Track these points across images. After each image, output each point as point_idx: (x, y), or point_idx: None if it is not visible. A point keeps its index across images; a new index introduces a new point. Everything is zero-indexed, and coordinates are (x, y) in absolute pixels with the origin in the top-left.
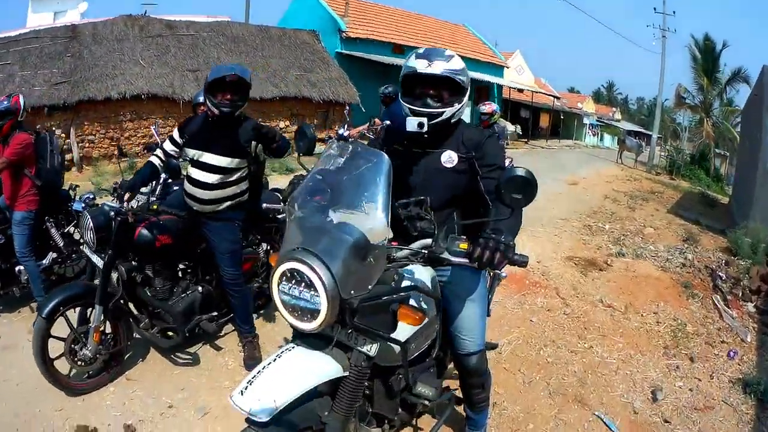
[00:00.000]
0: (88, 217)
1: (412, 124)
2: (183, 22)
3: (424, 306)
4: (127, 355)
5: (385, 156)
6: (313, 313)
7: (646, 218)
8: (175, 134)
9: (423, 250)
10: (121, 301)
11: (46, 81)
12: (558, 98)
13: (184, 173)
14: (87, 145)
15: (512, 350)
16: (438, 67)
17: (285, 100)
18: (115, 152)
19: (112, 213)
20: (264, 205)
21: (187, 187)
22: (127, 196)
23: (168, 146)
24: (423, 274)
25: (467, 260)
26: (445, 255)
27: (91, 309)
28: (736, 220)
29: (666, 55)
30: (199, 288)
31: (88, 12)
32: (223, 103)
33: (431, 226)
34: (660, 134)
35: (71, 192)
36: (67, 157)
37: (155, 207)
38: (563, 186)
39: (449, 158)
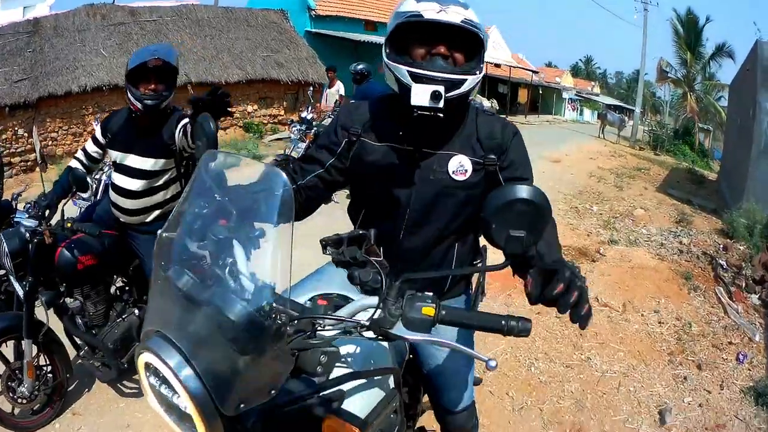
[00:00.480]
0: (2, 239)
1: (421, 94)
2: (147, 8)
3: (368, 403)
4: (72, 386)
5: (283, 177)
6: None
7: (635, 198)
8: (98, 132)
9: (360, 321)
10: (52, 333)
11: (7, 79)
12: (536, 72)
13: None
14: (50, 143)
15: (500, 367)
16: (454, 15)
17: (252, 83)
18: (81, 148)
19: (28, 234)
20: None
21: (112, 195)
22: (47, 213)
23: (90, 147)
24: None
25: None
26: (397, 329)
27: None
28: (727, 199)
29: (647, 29)
30: (136, 311)
31: (56, 4)
32: (147, 95)
33: (377, 278)
34: (641, 108)
35: (13, 202)
36: (30, 156)
37: (69, 225)
38: (546, 164)
39: (460, 166)
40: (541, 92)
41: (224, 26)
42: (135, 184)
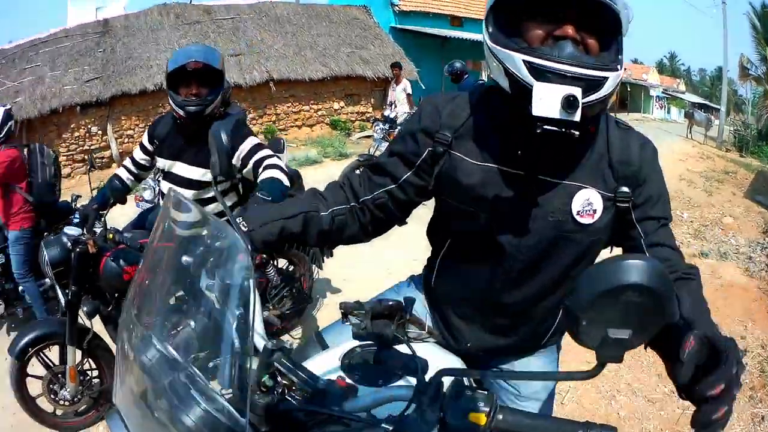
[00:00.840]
0: (43, 248)
1: (548, 99)
2: (223, 6)
3: None
4: None
5: (240, 245)
6: None
7: (723, 204)
8: (145, 139)
9: (381, 422)
10: (97, 340)
11: (77, 79)
12: (624, 69)
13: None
14: (126, 140)
15: (578, 399)
16: None
17: (337, 79)
18: None
19: (70, 243)
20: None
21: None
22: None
23: (138, 154)
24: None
25: None
26: None
27: None
28: None
29: (728, 23)
30: (191, 322)
31: (129, 4)
32: (188, 101)
33: (410, 365)
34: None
35: (72, 203)
36: (106, 154)
37: (111, 236)
38: None
39: (587, 205)
40: (629, 90)
41: (305, 23)
42: (184, 194)
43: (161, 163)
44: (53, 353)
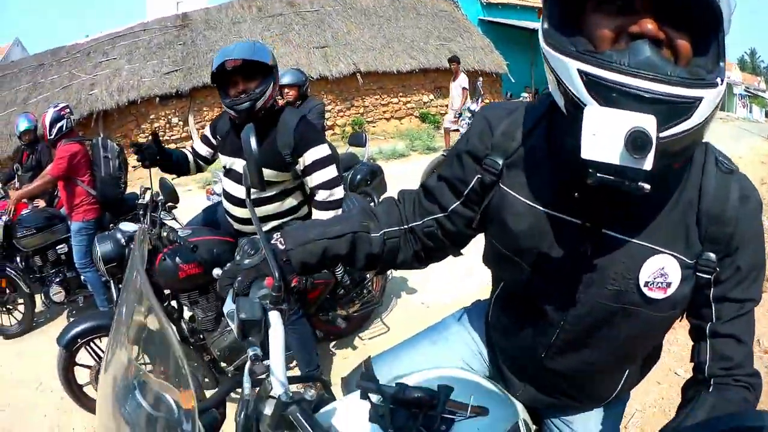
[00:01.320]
0: (96, 244)
1: (608, 135)
2: None
3: None
4: None
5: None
6: None
7: None
8: (208, 132)
9: None
10: None
11: (156, 71)
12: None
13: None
14: None
15: (642, 424)
16: None
17: (426, 72)
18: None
19: (124, 240)
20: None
21: (224, 202)
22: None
23: (199, 146)
24: None
25: None
26: None
27: None
28: None
29: None
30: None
31: None
32: (237, 100)
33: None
34: None
35: (141, 196)
36: (187, 144)
37: (165, 234)
38: None
39: (661, 276)
40: None
41: (392, 15)
42: (243, 192)
43: (224, 160)
44: (105, 344)
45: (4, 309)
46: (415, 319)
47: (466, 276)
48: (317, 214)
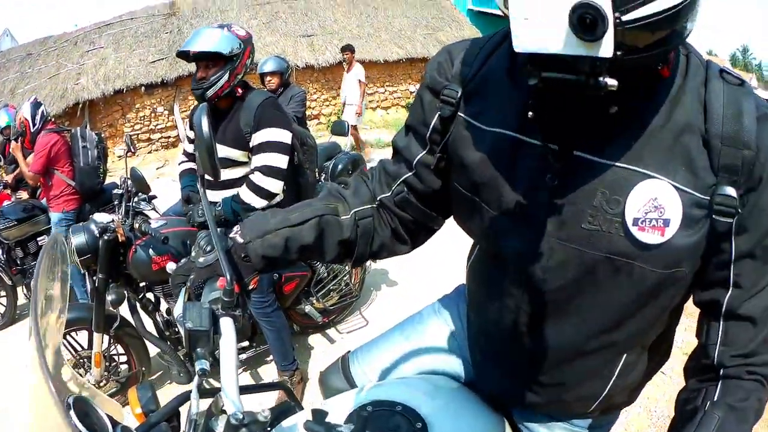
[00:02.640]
0: (70, 236)
1: (544, 18)
2: None
3: None
4: (154, 377)
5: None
6: None
7: None
8: (188, 131)
9: None
10: (126, 327)
11: (142, 60)
12: None
13: None
14: None
15: (627, 425)
16: None
17: (413, 61)
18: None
19: (97, 231)
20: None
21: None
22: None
23: (189, 147)
24: None
25: None
26: None
27: None
28: None
29: None
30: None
31: None
32: (195, 86)
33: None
34: None
35: (121, 186)
36: (172, 133)
37: (137, 225)
38: None
39: (653, 207)
40: None
41: (380, 4)
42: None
43: (188, 146)
44: (82, 337)
45: None
46: (395, 311)
47: (447, 268)
48: (242, 192)
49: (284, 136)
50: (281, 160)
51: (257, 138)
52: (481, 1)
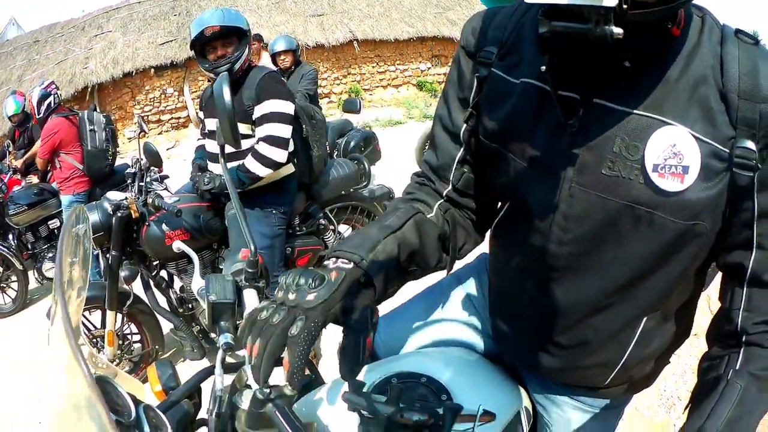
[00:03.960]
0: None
1: None
2: None
3: None
4: (167, 354)
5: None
6: None
7: None
8: (200, 113)
9: None
10: (140, 304)
11: (151, 42)
12: None
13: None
14: None
15: (637, 404)
16: None
17: (423, 40)
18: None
19: (111, 209)
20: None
21: (208, 164)
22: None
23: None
24: None
25: None
26: None
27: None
28: None
29: None
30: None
31: None
32: (217, 64)
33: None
34: None
35: (133, 166)
36: (182, 114)
37: (150, 201)
38: None
39: (671, 153)
40: None
41: None
42: (217, 148)
43: (208, 123)
44: (95, 317)
45: None
46: (411, 289)
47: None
48: (247, 162)
49: (286, 107)
50: (285, 130)
51: (260, 110)
52: None
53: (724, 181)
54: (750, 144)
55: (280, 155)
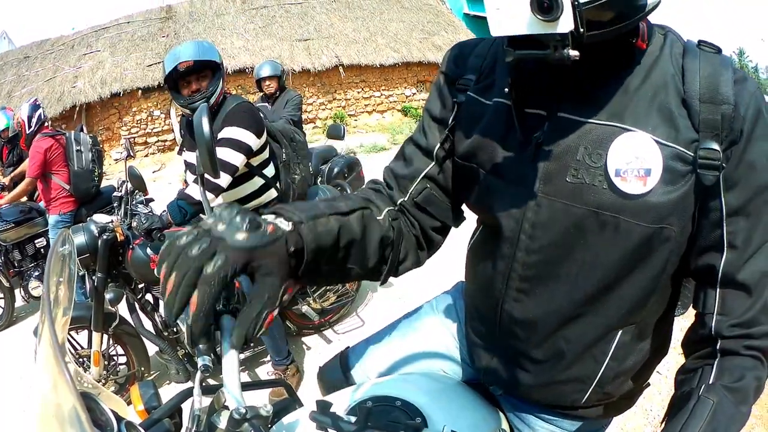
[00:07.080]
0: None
1: (512, 5)
2: None
3: None
4: (153, 376)
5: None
6: None
7: None
8: (184, 134)
9: None
10: (125, 326)
11: (139, 64)
12: None
13: None
14: None
15: (623, 423)
16: None
17: (409, 65)
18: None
19: (97, 231)
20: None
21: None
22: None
23: (186, 155)
24: None
25: None
26: None
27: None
28: None
29: None
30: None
31: None
32: (192, 98)
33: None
34: None
35: (119, 188)
36: (168, 137)
37: (135, 225)
38: None
39: (634, 158)
40: None
41: (376, 8)
42: (190, 179)
43: (185, 156)
44: (81, 337)
45: None
46: (391, 313)
47: (442, 270)
48: (189, 188)
49: (244, 135)
50: (235, 158)
51: (219, 135)
52: (477, 5)
53: (689, 183)
54: (714, 145)
55: (222, 180)
